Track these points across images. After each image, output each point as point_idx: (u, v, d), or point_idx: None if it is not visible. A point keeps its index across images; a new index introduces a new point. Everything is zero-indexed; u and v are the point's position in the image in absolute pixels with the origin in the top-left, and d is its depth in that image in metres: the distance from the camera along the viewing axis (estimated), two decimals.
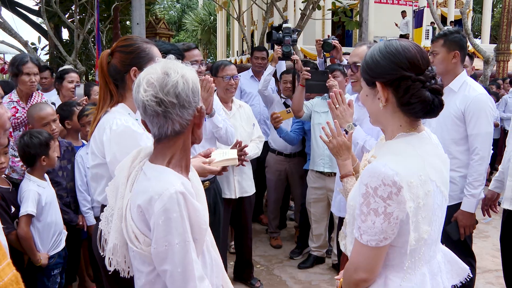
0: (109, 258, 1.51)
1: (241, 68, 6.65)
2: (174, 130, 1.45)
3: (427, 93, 1.46)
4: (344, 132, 2.59)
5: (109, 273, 1.52)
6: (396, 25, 17.66)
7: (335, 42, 4.27)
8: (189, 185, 1.45)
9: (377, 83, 1.50)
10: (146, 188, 1.40)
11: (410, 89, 1.45)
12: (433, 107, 1.48)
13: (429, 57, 3.10)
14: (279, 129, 4.30)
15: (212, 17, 29.52)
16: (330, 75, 3.71)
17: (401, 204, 1.38)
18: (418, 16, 14.57)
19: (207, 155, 2.18)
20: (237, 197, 3.79)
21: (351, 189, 1.88)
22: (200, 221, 1.42)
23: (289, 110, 4.16)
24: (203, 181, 2.04)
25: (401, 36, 17.31)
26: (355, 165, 2.12)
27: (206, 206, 1.58)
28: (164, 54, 2.16)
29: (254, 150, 3.85)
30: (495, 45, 12.17)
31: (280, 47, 4.46)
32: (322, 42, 4.29)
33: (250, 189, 3.90)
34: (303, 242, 4.66)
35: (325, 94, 4.11)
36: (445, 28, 12.82)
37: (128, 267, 1.53)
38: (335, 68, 4.07)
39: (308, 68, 3.82)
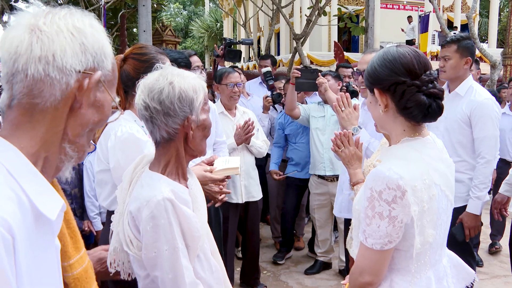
0: (110, 259, 1.53)
1: (247, 75, 6.68)
2: (163, 137, 1.47)
3: (422, 97, 1.48)
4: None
5: (111, 274, 1.54)
6: (402, 30, 17.64)
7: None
8: (183, 193, 1.46)
9: (375, 90, 1.54)
10: (138, 195, 1.43)
11: (405, 93, 1.48)
12: (430, 111, 1.49)
13: (440, 61, 3.13)
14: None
15: (218, 24, 29.64)
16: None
17: (405, 208, 1.39)
18: (423, 21, 14.54)
19: (210, 163, 2.18)
20: (243, 202, 3.79)
21: None
22: (192, 228, 1.43)
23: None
24: None
25: (407, 41, 17.27)
26: None
27: (205, 213, 1.59)
28: (172, 63, 2.18)
29: (262, 145, 3.86)
30: (502, 49, 12.12)
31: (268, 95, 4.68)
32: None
33: (257, 194, 3.90)
34: (287, 246, 4.71)
35: (321, 100, 4.22)
36: (453, 33, 12.80)
37: (130, 269, 1.55)
38: (326, 72, 4.22)
39: (298, 67, 3.93)
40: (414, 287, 1.49)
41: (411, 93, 1.48)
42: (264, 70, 4.82)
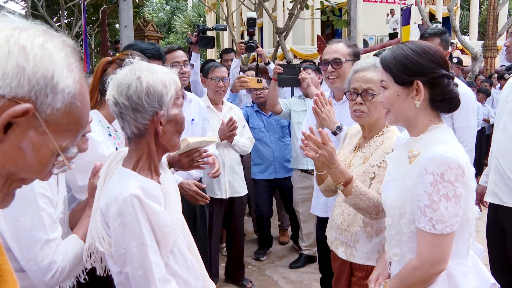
0: (86, 255, 1.52)
1: None
2: (134, 133, 1.45)
3: (457, 89, 1.59)
4: (332, 134, 2.55)
5: (87, 270, 1.54)
6: (389, 14, 17.74)
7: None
8: (153, 188, 1.46)
9: (417, 82, 1.56)
10: (107, 191, 1.43)
11: (446, 86, 1.57)
12: (459, 102, 1.61)
13: None
14: None
15: (201, 19, 29.46)
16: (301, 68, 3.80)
17: (466, 185, 1.48)
18: (405, 14, 14.61)
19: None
20: (227, 197, 3.78)
21: (369, 191, 1.87)
22: (162, 224, 1.42)
23: (259, 80, 4.18)
24: None
25: (390, 34, 17.38)
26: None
27: (179, 208, 1.59)
28: (139, 53, 2.16)
29: (246, 143, 3.85)
30: (483, 41, 12.27)
31: (242, 40, 4.53)
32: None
33: (241, 189, 3.88)
34: (267, 244, 4.73)
35: (302, 94, 4.19)
36: (435, 25, 12.89)
37: (105, 266, 1.54)
38: (306, 66, 4.20)
39: (280, 62, 3.90)
40: (465, 268, 1.55)
41: (450, 85, 1.58)
42: (249, 14, 4.57)
